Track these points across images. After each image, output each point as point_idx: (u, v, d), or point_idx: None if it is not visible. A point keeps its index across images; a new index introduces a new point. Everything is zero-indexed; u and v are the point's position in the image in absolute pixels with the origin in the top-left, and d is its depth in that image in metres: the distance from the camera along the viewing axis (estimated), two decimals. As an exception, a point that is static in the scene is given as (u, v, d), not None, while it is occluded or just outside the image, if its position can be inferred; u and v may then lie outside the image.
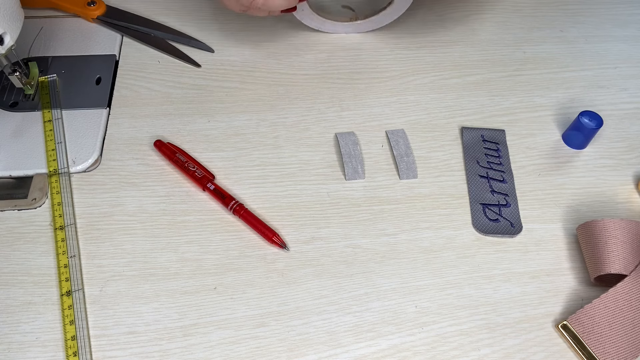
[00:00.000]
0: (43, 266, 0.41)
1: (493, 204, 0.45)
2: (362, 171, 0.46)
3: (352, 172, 0.46)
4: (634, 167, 0.48)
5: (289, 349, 0.38)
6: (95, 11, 0.54)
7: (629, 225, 0.40)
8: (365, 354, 0.38)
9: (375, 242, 0.43)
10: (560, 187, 0.47)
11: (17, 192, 0.44)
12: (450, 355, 0.38)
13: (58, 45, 0.54)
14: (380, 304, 0.40)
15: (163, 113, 0.49)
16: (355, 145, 0.47)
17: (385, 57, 0.54)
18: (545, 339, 0.39)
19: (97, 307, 0.39)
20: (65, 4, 0.54)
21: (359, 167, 0.46)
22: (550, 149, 0.49)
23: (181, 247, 0.42)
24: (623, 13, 0.59)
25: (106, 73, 0.52)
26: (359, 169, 0.46)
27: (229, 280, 0.41)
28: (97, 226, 0.43)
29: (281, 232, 0.43)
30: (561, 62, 0.55)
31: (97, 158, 0.46)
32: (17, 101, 0.49)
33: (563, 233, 0.44)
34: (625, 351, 0.38)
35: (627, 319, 0.38)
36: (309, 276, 0.41)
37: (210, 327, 0.39)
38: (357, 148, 0.47)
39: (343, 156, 0.47)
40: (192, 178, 0.45)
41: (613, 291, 0.39)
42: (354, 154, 0.47)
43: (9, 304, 0.39)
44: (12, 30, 0.43)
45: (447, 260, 0.42)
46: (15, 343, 0.38)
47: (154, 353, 0.38)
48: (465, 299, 0.41)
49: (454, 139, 0.49)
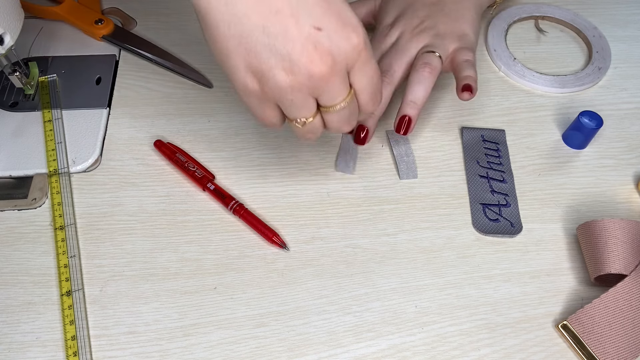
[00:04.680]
0: (43, 266, 0.41)
1: (493, 204, 0.45)
2: (352, 167, 0.46)
3: (343, 165, 0.46)
4: (634, 167, 0.48)
5: (289, 349, 0.38)
6: (102, 30, 0.53)
7: (629, 225, 0.40)
8: (365, 354, 0.38)
9: (375, 242, 0.43)
10: (560, 187, 0.47)
11: (17, 192, 0.44)
12: (450, 355, 0.38)
13: (58, 45, 0.54)
14: (380, 304, 0.40)
15: (163, 113, 0.49)
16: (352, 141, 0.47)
17: (385, 57, 0.54)
18: (545, 339, 0.39)
19: (97, 307, 0.39)
20: (73, 19, 0.54)
21: (351, 162, 0.46)
22: (550, 149, 0.49)
23: (181, 247, 0.42)
24: (623, 13, 0.59)
25: (106, 73, 0.52)
26: (350, 164, 0.46)
27: (229, 280, 0.41)
28: (97, 226, 0.43)
29: (281, 232, 0.43)
30: (561, 61, 0.55)
31: (97, 158, 0.46)
32: (17, 101, 0.49)
33: (563, 233, 0.44)
34: (625, 351, 0.38)
35: (627, 319, 0.38)
36: (309, 276, 0.41)
37: (210, 327, 0.39)
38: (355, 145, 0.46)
39: (339, 149, 0.47)
40: (192, 178, 0.45)
41: (613, 291, 0.39)
42: (350, 150, 0.47)
43: (9, 304, 0.39)
44: (12, 30, 0.43)
45: (447, 260, 0.42)
46: (15, 343, 0.38)
47: (154, 353, 0.38)
48: (465, 299, 0.41)
49: (454, 139, 0.49)
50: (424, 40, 0.46)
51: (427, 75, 0.44)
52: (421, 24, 0.47)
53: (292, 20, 0.31)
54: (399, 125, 0.44)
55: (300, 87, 0.32)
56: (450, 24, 0.47)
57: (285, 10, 0.31)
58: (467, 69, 0.45)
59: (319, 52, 0.31)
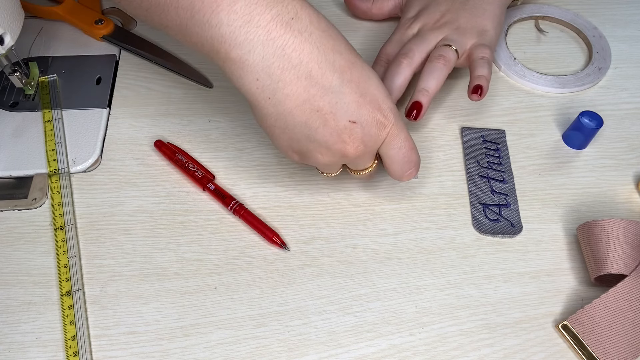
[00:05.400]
0: (43, 266, 0.41)
1: (493, 204, 0.45)
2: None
3: None
4: (634, 167, 0.48)
5: (289, 349, 0.38)
6: (102, 30, 0.53)
7: (629, 225, 0.40)
8: (365, 354, 0.38)
9: (375, 242, 0.43)
10: (560, 187, 0.47)
11: (17, 192, 0.44)
12: (450, 355, 0.38)
13: (58, 45, 0.54)
14: (380, 304, 0.40)
15: (163, 113, 0.49)
16: None
17: (386, 57, 0.54)
18: (546, 339, 0.39)
19: (97, 307, 0.39)
20: (73, 19, 0.54)
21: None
22: (550, 149, 0.49)
23: (181, 247, 0.42)
24: (623, 13, 0.59)
25: (106, 73, 0.52)
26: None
27: (229, 280, 0.41)
28: (97, 226, 0.43)
29: (281, 232, 0.43)
30: (561, 62, 0.55)
31: (97, 158, 0.46)
32: (17, 101, 0.49)
33: (563, 233, 0.44)
34: (625, 351, 0.38)
35: (627, 319, 0.38)
36: (309, 276, 0.41)
37: (210, 327, 0.39)
38: None
39: None
40: (193, 178, 0.45)
41: (613, 291, 0.39)
42: None
43: (9, 304, 0.39)
44: (12, 30, 0.43)
45: (447, 260, 0.42)
46: (15, 343, 0.38)
47: (154, 353, 0.38)
48: (466, 299, 0.41)
49: (454, 139, 0.49)
50: (444, 33, 0.47)
51: (441, 66, 0.45)
52: (442, 18, 0.48)
53: (331, 116, 0.35)
54: (410, 111, 0.45)
55: (334, 162, 0.38)
56: (472, 19, 0.47)
57: (326, 108, 0.35)
58: (481, 67, 0.45)
59: (353, 140, 0.36)
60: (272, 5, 0.33)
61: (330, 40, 0.35)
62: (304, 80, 0.34)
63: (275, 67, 0.33)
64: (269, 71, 0.33)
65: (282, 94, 0.34)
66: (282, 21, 0.33)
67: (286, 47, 0.33)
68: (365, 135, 0.36)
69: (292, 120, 0.35)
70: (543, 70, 0.53)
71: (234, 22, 0.33)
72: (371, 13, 0.55)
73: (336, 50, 0.35)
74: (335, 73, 0.34)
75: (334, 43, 0.35)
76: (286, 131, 0.36)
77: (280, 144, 0.37)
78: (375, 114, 0.36)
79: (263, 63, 0.33)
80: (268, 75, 0.34)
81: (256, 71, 0.34)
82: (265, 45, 0.33)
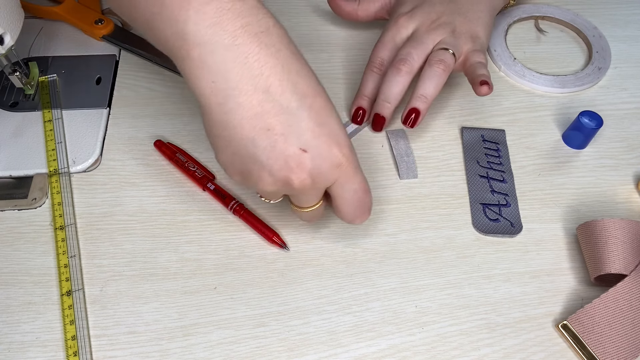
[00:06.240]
0: (43, 266, 0.41)
1: (493, 204, 0.45)
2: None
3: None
4: (634, 167, 0.48)
5: (289, 349, 0.38)
6: (102, 30, 0.53)
7: (629, 225, 0.40)
8: (365, 353, 0.38)
9: (375, 242, 0.43)
10: (560, 187, 0.47)
11: (17, 192, 0.44)
12: (450, 355, 0.38)
13: (58, 45, 0.54)
14: (380, 304, 0.40)
15: (163, 113, 0.49)
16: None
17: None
18: (545, 339, 0.39)
19: (97, 307, 0.39)
20: (73, 19, 0.54)
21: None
22: (550, 149, 0.49)
23: (181, 247, 0.42)
24: (623, 13, 0.59)
25: (106, 73, 0.52)
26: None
27: (229, 280, 0.41)
28: (97, 226, 0.43)
29: (281, 232, 0.43)
30: (561, 61, 0.55)
31: (97, 158, 0.46)
32: (17, 101, 0.49)
33: (563, 233, 0.44)
34: (625, 351, 0.38)
35: (627, 318, 0.38)
36: (309, 276, 0.41)
37: (210, 327, 0.39)
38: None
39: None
40: (193, 178, 0.45)
41: (613, 291, 0.39)
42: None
43: (9, 304, 0.39)
44: (12, 30, 0.43)
45: (447, 260, 0.42)
46: (15, 343, 0.38)
47: (154, 353, 0.38)
48: (465, 299, 0.41)
49: (454, 139, 0.49)
50: (441, 35, 0.47)
51: (441, 72, 0.45)
52: (438, 19, 0.47)
53: (282, 139, 0.32)
54: (407, 118, 0.45)
55: (275, 191, 0.35)
56: (467, 24, 0.47)
57: (277, 128, 0.32)
58: (481, 69, 0.46)
59: (300, 170, 0.33)
60: (244, 15, 0.32)
61: (297, 64, 0.33)
62: (261, 94, 0.32)
63: (234, 73, 0.31)
64: (227, 76, 0.32)
65: (234, 102, 0.32)
66: (251, 31, 0.32)
67: (250, 56, 0.31)
68: (314, 168, 0.33)
69: (239, 134, 0.32)
70: (543, 70, 0.53)
71: (202, 21, 0.31)
72: (356, 15, 0.53)
73: (301, 75, 0.33)
74: (296, 95, 0.32)
75: (300, 67, 0.33)
76: (231, 145, 0.33)
77: (223, 158, 0.35)
78: (331, 149, 0.33)
79: (223, 66, 0.31)
80: (225, 79, 0.32)
81: (214, 73, 0.32)
82: (229, 49, 0.31)
